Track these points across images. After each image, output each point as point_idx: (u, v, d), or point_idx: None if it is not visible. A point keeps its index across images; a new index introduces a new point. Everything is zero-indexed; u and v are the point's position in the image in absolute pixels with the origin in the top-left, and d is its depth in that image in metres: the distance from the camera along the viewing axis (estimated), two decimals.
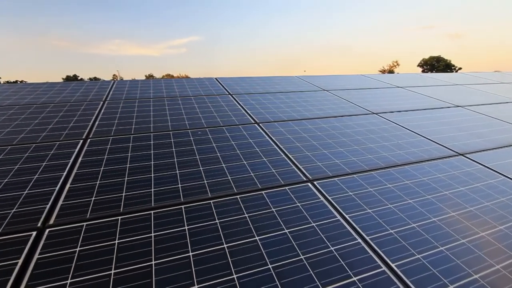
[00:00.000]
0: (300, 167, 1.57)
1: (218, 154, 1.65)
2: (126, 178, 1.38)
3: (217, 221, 1.15)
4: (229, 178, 1.43)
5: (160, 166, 1.49)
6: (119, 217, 1.13)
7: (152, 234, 1.06)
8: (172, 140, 1.79)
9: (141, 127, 1.95)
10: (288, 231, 1.12)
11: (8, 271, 0.90)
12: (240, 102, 2.58)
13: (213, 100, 2.61)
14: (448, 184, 1.51)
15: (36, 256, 0.95)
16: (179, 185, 1.35)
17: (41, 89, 2.71)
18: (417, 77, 4.34)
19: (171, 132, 1.90)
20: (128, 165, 1.48)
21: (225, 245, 1.04)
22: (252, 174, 1.48)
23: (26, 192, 1.25)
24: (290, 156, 1.68)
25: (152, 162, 1.53)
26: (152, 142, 1.74)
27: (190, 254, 0.99)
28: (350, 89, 3.32)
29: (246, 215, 1.19)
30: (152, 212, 1.17)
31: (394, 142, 1.96)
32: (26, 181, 1.32)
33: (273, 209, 1.24)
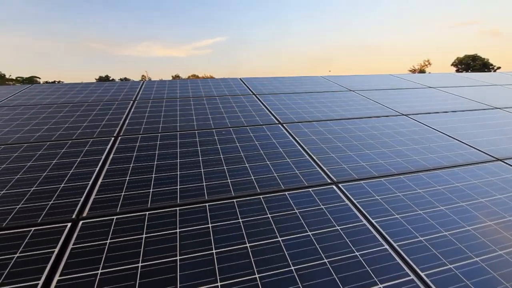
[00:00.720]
0: (325, 168, 1.54)
1: (242, 154, 1.66)
2: (153, 175, 1.43)
3: (240, 220, 1.16)
4: (253, 178, 1.44)
5: (186, 164, 1.53)
6: (147, 212, 1.18)
7: (178, 230, 1.09)
8: (197, 139, 1.83)
9: (168, 126, 2.01)
10: (311, 233, 1.11)
11: (46, 259, 0.96)
12: (264, 102, 2.58)
13: (237, 100, 2.64)
14: (485, 191, 1.42)
15: (71, 246, 1.01)
16: (204, 183, 1.38)
17: (77, 89, 2.88)
18: (450, 77, 4.11)
19: (196, 131, 1.95)
20: (155, 163, 1.54)
21: (247, 244, 1.04)
22: (275, 174, 1.47)
23: (62, 185, 1.33)
24: (314, 157, 1.65)
25: (178, 160, 1.57)
26: (178, 141, 1.79)
27: (214, 251, 1.01)
28: (378, 89, 3.21)
29: (269, 215, 1.19)
30: (177, 209, 1.20)
31: (425, 145, 1.87)
32: (63, 175, 1.41)
33: (296, 211, 1.22)
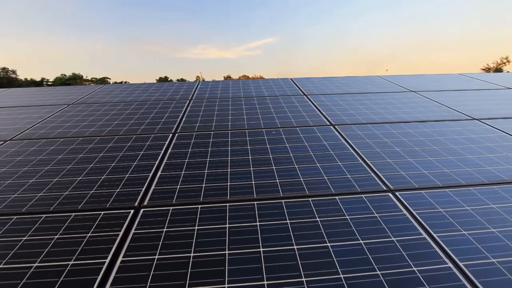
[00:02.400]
0: (380, 174, 1.45)
1: (291, 155, 1.64)
2: (206, 171, 1.49)
3: (288, 221, 1.15)
4: (302, 179, 1.42)
5: (236, 162, 1.57)
6: (199, 206, 1.24)
7: (227, 225, 1.12)
8: (247, 138, 1.86)
9: (220, 125, 2.08)
10: (363, 242, 1.05)
11: (111, 240, 1.07)
12: (315, 103, 2.52)
13: (288, 100, 2.62)
14: None
15: (133, 231, 1.11)
16: (253, 182, 1.40)
17: (141, 88, 3.15)
18: None
19: (246, 130, 1.99)
20: (208, 159, 1.61)
21: (295, 246, 1.03)
22: (325, 177, 1.43)
23: (127, 175, 1.47)
24: (369, 162, 1.56)
25: (229, 158, 1.62)
26: (229, 139, 1.85)
27: (261, 250, 1.02)
28: (444, 90, 2.90)
29: (318, 219, 1.16)
30: (227, 204, 1.24)
31: (502, 155, 1.63)
32: (128, 166, 1.55)
33: (347, 217, 1.17)
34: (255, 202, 1.26)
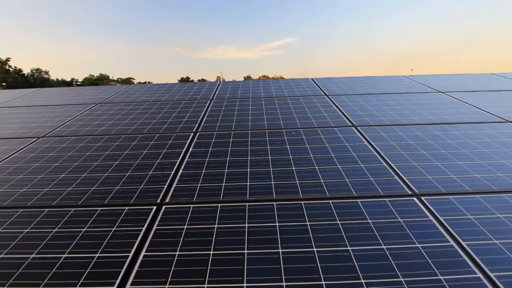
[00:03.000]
0: (405, 178, 1.40)
1: (311, 156, 1.62)
2: (226, 170, 1.51)
3: (307, 223, 1.14)
4: (322, 181, 1.40)
5: (256, 162, 1.57)
6: (219, 205, 1.25)
7: (246, 225, 1.13)
8: (267, 138, 1.86)
9: (240, 124, 2.10)
10: (385, 247, 1.01)
11: (135, 235, 1.11)
12: (336, 104, 2.48)
13: (308, 100, 2.59)
14: None
15: (155, 227, 1.14)
16: (272, 182, 1.40)
17: (164, 88, 3.24)
18: None
19: (266, 130, 1.98)
20: (228, 159, 1.62)
21: (314, 249, 1.02)
22: (346, 179, 1.40)
23: (150, 173, 1.52)
24: (393, 164, 1.51)
25: (249, 158, 1.62)
26: (249, 139, 1.85)
27: (280, 250, 1.01)
28: (475, 91, 2.75)
29: (339, 221, 1.14)
30: (247, 204, 1.25)
31: None
32: (151, 164, 1.60)
33: (369, 220, 1.14)
34: (274, 203, 1.25)
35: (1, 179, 1.52)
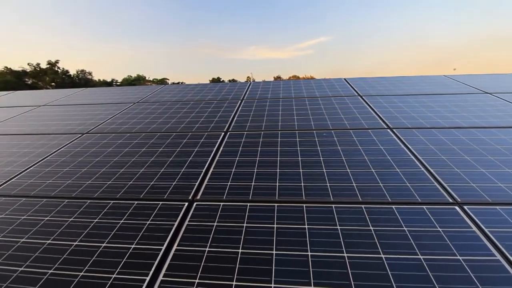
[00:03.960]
0: (445, 185, 1.30)
1: (343, 158, 1.58)
2: (255, 170, 1.51)
3: (338, 227, 1.10)
4: (354, 184, 1.35)
5: (285, 163, 1.56)
6: (248, 204, 1.26)
7: (275, 225, 1.12)
8: (297, 139, 1.84)
9: (271, 125, 2.09)
10: (423, 257, 0.96)
11: (168, 229, 1.15)
12: (371, 105, 2.38)
13: (341, 101, 2.52)
14: None
15: (186, 222, 1.18)
16: (302, 184, 1.38)
17: (197, 89, 3.33)
18: None
19: (296, 131, 1.96)
20: (257, 158, 1.63)
21: (345, 254, 0.99)
22: (381, 184, 1.34)
23: (183, 170, 1.57)
24: (432, 170, 1.42)
25: (278, 158, 1.62)
26: (279, 139, 1.84)
27: (309, 253, 0.99)
28: None
29: (372, 227, 1.09)
30: (276, 205, 1.24)
31: None
32: (184, 161, 1.65)
33: (405, 228, 1.08)
34: (304, 205, 1.23)
35: (51, 170, 1.66)
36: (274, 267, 0.95)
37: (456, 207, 1.17)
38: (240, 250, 1.02)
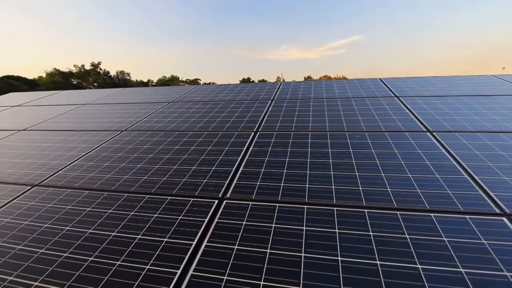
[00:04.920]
0: (492, 194, 1.20)
1: (377, 161, 1.51)
2: (284, 170, 1.51)
3: (370, 233, 1.06)
4: (389, 189, 1.29)
5: (315, 165, 1.54)
6: (277, 204, 1.26)
7: (304, 228, 1.11)
8: (328, 140, 1.80)
9: (301, 125, 2.07)
10: (464, 271, 0.89)
11: (198, 226, 1.18)
12: (408, 106, 2.26)
13: (376, 102, 2.42)
14: None
15: (216, 219, 1.20)
16: (332, 186, 1.34)
17: (228, 89, 3.39)
18: None
19: (328, 132, 1.92)
20: (287, 159, 1.62)
21: (377, 262, 0.95)
22: (418, 190, 1.27)
23: (213, 168, 1.60)
24: (476, 177, 1.31)
25: (308, 160, 1.59)
26: (309, 141, 1.82)
27: (339, 258, 0.97)
28: None
29: (407, 235, 1.04)
30: (305, 206, 1.23)
31: None
32: (214, 160, 1.69)
33: (445, 238, 1.01)
34: (335, 208, 1.20)
35: (93, 165, 1.78)
36: (303, 269, 0.94)
37: (504, 219, 1.07)
38: (268, 250, 1.02)
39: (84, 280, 0.98)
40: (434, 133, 1.77)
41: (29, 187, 1.60)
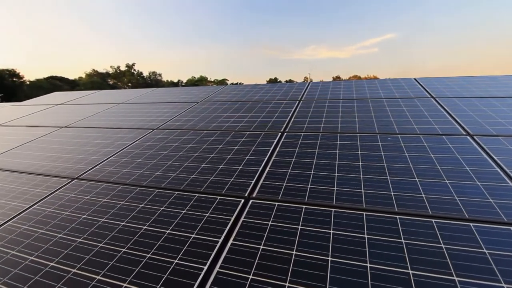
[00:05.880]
0: None
1: (411, 166, 1.44)
2: (312, 172, 1.48)
3: (402, 240, 1.01)
4: (423, 195, 1.22)
5: (344, 167, 1.50)
6: (304, 206, 1.24)
7: (331, 231, 1.08)
8: (358, 142, 1.75)
9: (329, 126, 2.03)
10: (506, 286, 0.82)
11: (224, 223, 1.20)
12: (446, 107, 2.13)
13: (410, 103, 2.31)
14: None
15: (242, 218, 1.21)
16: (362, 190, 1.30)
17: (256, 89, 3.40)
18: None
19: (357, 134, 1.86)
20: (314, 161, 1.59)
21: (410, 271, 0.90)
22: (456, 198, 1.19)
23: (240, 167, 1.62)
24: None
25: (337, 162, 1.55)
26: (338, 142, 1.77)
27: (368, 265, 0.93)
28: None
29: (443, 245, 0.98)
30: (332, 210, 1.20)
31: None
32: (241, 159, 1.70)
33: (486, 251, 0.94)
34: (364, 213, 1.16)
35: (127, 161, 1.87)
36: (329, 274, 0.92)
37: None
38: (294, 252, 1.01)
39: (118, 270, 1.03)
40: (475, 137, 1.65)
41: (70, 180, 1.72)
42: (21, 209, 1.49)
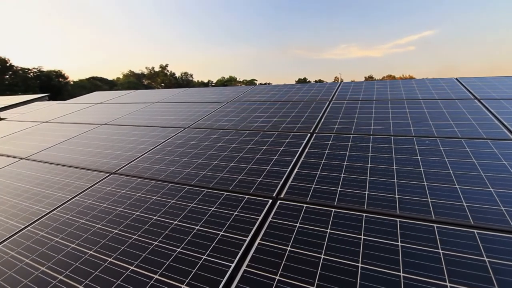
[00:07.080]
0: None
1: (451, 171, 1.35)
2: (342, 175, 1.44)
3: (440, 250, 0.95)
4: (464, 204, 1.14)
5: (377, 171, 1.44)
6: (333, 209, 1.21)
7: (362, 237, 1.05)
8: (392, 145, 1.67)
9: (361, 128, 1.96)
10: None
11: (252, 223, 1.20)
12: (491, 110, 1.97)
13: (450, 105, 2.16)
14: None
15: (269, 219, 1.21)
16: (396, 195, 1.24)
17: (285, 89, 3.38)
18: None
19: (392, 136, 1.78)
20: (345, 163, 1.55)
21: (447, 283, 0.84)
22: (502, 208, 1.09)
23: (268, 167, 1.62)
24: None
25: (369, 165, 1.50)
26: (370, 145, 1.71)
27: (401, 274, 0.89)
28: None
29: (486, 258, 0.90)
30: (364, 214, 1.16)
31: None
32: (269, 159, 1.70)
33: None
34: (398, 219, 1.11)
35: (160, 158, 1.95)
36: (359, 281, 0.89)
37: None
38: (322, 256, 0.99)
39: (149, 262, 1.08)
40: None
41: (108, 174, 1.83)
42: (65, 200, 1.61)
